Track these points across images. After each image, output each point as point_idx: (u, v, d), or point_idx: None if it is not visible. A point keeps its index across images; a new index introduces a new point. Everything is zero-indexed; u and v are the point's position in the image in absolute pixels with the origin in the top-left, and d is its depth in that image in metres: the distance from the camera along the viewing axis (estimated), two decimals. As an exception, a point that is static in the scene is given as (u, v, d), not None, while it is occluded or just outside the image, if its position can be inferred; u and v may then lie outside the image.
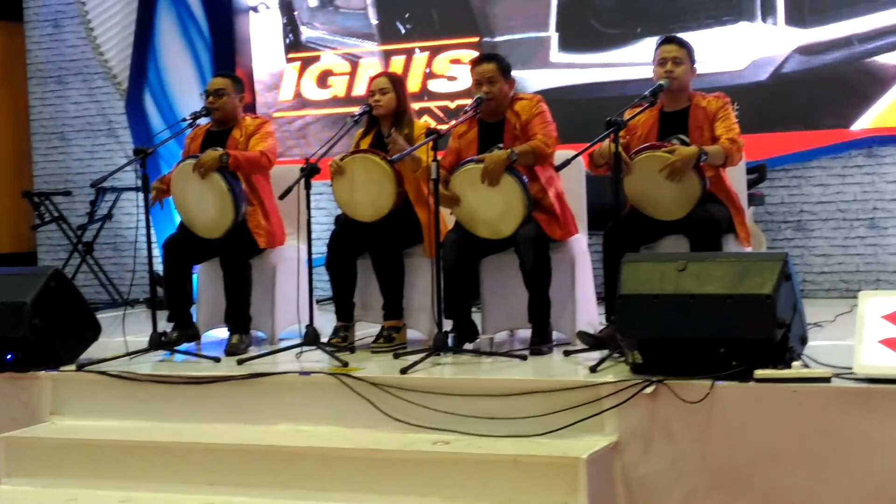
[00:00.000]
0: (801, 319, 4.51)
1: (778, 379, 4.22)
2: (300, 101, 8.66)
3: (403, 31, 8.39)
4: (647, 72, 5.47)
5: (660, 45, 5.40)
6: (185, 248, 5.86)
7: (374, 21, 8.45)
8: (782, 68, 7.40)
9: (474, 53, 7.57)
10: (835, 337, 5.37)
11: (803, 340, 4.53)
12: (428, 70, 8.25)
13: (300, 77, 8.65)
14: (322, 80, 8.60)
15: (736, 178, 5.55)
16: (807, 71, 7.34)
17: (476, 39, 8.14)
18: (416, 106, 7.88)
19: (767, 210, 7.48)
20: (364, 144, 5.82)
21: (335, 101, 8.54)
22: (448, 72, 8.22)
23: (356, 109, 5.81)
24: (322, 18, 8.62)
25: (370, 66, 8.34)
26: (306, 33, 8.66)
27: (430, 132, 5.23)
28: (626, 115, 5.22)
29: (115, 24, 9.13)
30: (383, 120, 5.81)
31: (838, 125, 7.28)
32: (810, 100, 7.34)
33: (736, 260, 4.51)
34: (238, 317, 5.78)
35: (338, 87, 8.55)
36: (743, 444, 4.24)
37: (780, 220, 7.51)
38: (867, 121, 7.20)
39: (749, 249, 5.45)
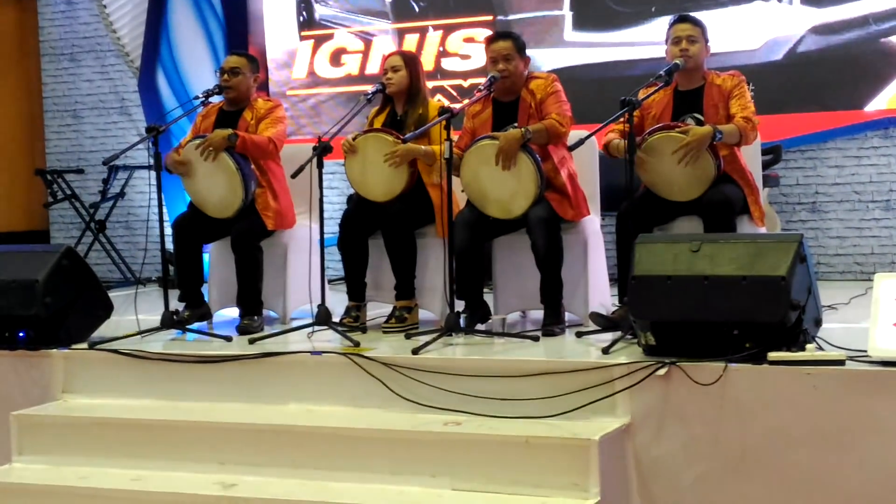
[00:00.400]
0: (816, 302, 4.48)
1: (792, 361, 4.19)
2: (313, 80, 8.63)
3: (417, 9, 8.35)
4: (661, 51, 5.43)
5: (673, 23, 5.36)
6: (195, 227, 5.85)
7: (387, -1, 8.43)
8: (798, 48, 7.34)
9: (488, 32, 7.53)
10: (849, 320, 5.34)
11: (818, 323, 4.50)
12: (441, 48, 8.21)
13: (313, 55, 8.62)
14: (335, 58, 8.58)
15: (751, 159, 5.51)
16: (822, 50, 7.29)
17: (490, 18, 8.09)
18: (429, 85, 7.89)
19: (782, 191, 7.43)
20: (378, 123, 5.79)
21: (349, 80, 8.51)
22: (461, 50, 8.18)
23: (369, 88, 5.78)
24: (335, -4, 8.60)
25: (383, 45, 8.31)
26: (320, 11, 8.63)
27: (443, 111, 5.19)
28: (641, 95, 5.18)
29: (127, 1, 9.11)
30: (397, 98, 5.78)
31: (854, 106, 7.22)
32: (825, 80, 7.28)
33: (750, 241, 4.47)
34: (249, 300, 5.77)
35: (351, 65, 8.52)
36: (756, 427, 4.22)
37: (794, 201, 7.47)
38: (883, 101, 7.14)
39: (763, 230, 5.42)
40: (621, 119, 5.00)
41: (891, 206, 7.25)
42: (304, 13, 8.64)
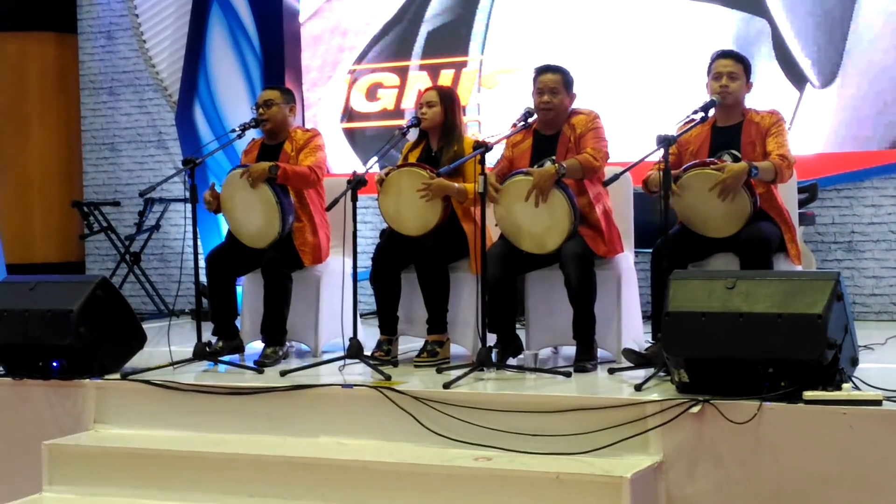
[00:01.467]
0: (853, 341, 4.43)
1: (828, 401, 4.14)
2: (349, 114, 8.68)
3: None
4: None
5: (716, 58, 5.34)
6: (229, 259, 5.87)
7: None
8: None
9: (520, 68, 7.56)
10: (886, 360, 5.28)
11: (854, 362, 4.45)
12: (477, 84, 8.24)
13: (350, 89, 8.68)
14: (371, 92, 8.62)
15: (787, 197, 5.47)
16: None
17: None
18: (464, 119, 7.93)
19: (818, 230, 7.38)
20: (412, 158, 5.80)
21: (384, 114, 8.55)
22: (496, 86, 8.21)
23: (404, 122, 5.81)
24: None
25: (418, 80, 8.35)
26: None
27: (477, 145, 5.21)
28: (677, 131, 5.17)
29: (167, 36, 9.22)
30: (432, 134, 5.80)
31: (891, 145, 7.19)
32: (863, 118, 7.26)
33: (786, 279, 4.44)
34: (273, 328, 5.77)
35: (386, 99, 8.56)
36: (791, 467, 4.17)
37: (830, 240, 7.41)
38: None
39: (800, 269, 5.37)
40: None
41: (928, 246, 7.18)
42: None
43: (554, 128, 5.47)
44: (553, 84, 5.41)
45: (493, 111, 8.14)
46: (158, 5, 9.25)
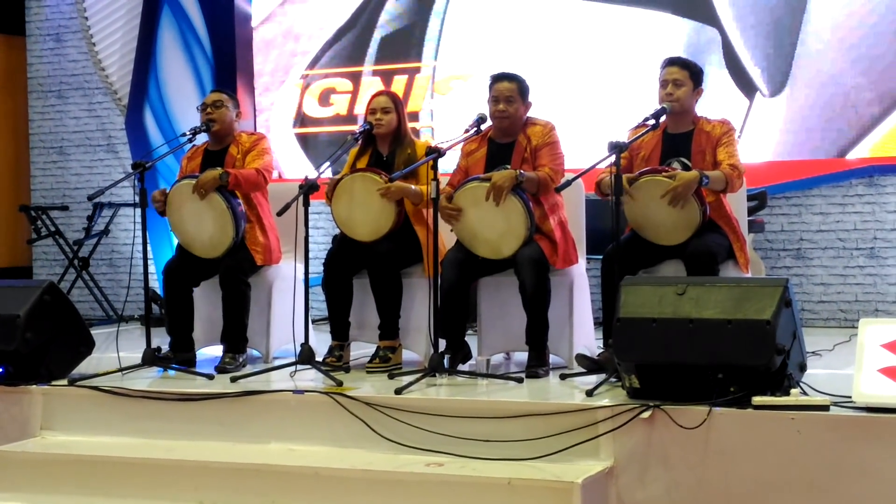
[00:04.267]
0: (801, 347, 4.48)
1: (776, 406, 4.18)
2: (301, 119, 8.65)
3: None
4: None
5: (664, 65, 5.37)
6: (184, 272, 5.81)
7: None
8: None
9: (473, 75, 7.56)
10: (833, 366, 5.33)
11: (802, 368, 4.49)
12: (431, 90, 8.24)
13: (303, 94, 8.64)
14: (324, 98, 8.59)
15: (737, 205, 5.52)
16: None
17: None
18: (417, 125, 7.91)
19: (767, 237, 7.45)
20: (361, 164, 5.78)
21: (337, 120, 8.53)
22: (449, 92, 8.21)
23: (356, 128, 5.79)
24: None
25: (371, 85, 8.33)
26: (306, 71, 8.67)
27: (430, 150, 5.21)
28: (629, 137, 5.20)
29: (116, 39, 9.13)
30: (382, 139, 5.78)
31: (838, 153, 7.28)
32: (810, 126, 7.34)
33: (735, 285, 4.48)
34: (234, 336, 5.73)
35: (339, 105, 8.54)
36: (740, 471, 4.20)
37: (779, 247, 7.49)
38: (865, 150, 7.18)
39: (749, 276, 5.41)
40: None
41: (875, 253, 7.27)
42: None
43: (509, 136, 5.48)
44: (508, 92, 5.42)
45: (447, 117, 8.14)
46: (108, 8, 9.15)
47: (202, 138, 6.02)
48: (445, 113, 8.20)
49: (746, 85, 7.48)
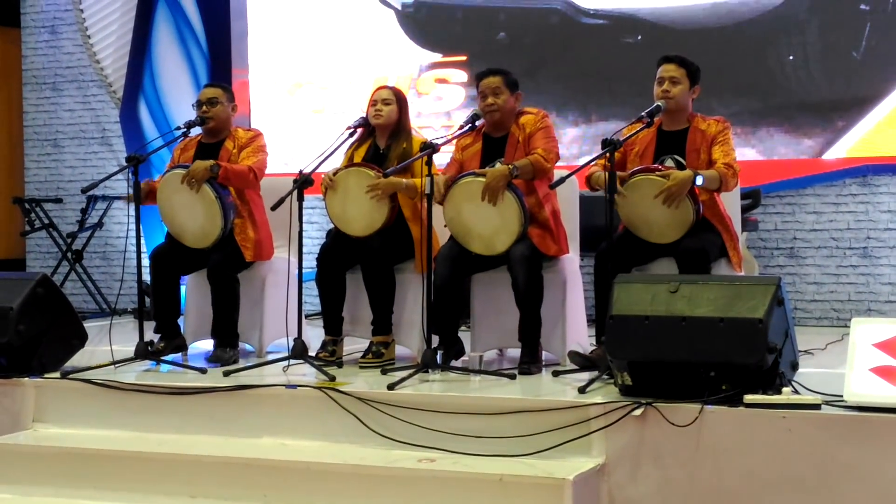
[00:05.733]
0: (793, 345, 4.49)
1: (768, 404, 4.19)
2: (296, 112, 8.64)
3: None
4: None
5: (660, 63, 5.37)
6: (173, 258, 5.82)
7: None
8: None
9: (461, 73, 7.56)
10: (825, 365, 5.34)
11: (794, 366, 4.50)
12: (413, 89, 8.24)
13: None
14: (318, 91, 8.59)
15: (730, 203, 5.52)
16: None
17: (464, 58, 8.13)
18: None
19: (760, 236, 7.46)
20: (358, 157, 5.78)
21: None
22: (433, 91, 8.21)
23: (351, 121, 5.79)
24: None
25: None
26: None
27: (425, 146, 5.21)
28: (623, 134, 5.21)
29: (112, 31, 9.12)
30: (380, 132, 5.78)
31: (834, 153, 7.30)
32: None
33: (728, 283, 4.48)
34: (225, 332, 5.74)
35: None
36: (731, 469, 4.21)
37: (773, 246, 7.50)
38: (848, 148, 7.20)
39: (741, 275, 5.42)
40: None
41: (868, 252, 7.28)
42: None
43: (502, 129, 5.48)
44: (495, 85, 5.43)
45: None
46: (104, 0, 9.13)
47: (196, 131, 6.02)
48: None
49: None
